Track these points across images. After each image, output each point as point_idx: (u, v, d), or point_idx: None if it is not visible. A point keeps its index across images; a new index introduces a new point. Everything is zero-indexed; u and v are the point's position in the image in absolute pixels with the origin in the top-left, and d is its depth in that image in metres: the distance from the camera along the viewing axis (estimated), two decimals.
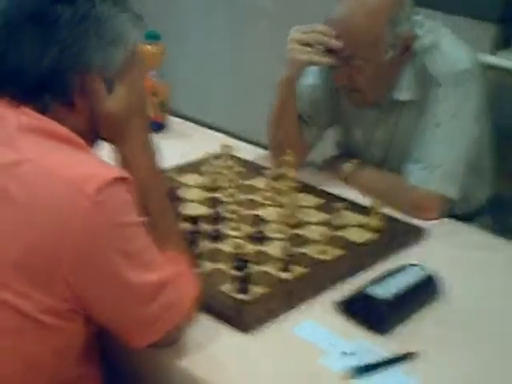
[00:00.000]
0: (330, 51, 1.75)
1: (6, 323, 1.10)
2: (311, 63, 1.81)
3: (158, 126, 2.17)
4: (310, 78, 1.96)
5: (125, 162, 1.25)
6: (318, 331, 1.35)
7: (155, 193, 1.28)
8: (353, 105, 1.92)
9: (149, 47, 2.14)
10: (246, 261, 1.43)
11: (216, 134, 2.25)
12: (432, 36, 1.80)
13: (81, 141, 1.17)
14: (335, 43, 1.73)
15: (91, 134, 1.23)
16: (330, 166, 2.01)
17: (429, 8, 2.11)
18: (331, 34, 1.74)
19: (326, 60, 1.77)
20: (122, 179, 1.13)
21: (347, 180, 1.92)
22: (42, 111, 1.16)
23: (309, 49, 1.76)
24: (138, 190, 1.17)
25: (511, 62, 2.66)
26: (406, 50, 1.77)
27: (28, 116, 1.14)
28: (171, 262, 1.22)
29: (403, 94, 1.82)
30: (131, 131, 1.26)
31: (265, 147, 2.05)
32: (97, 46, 1.17)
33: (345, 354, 1.29)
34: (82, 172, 1.10)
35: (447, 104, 1.77)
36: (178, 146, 2.07)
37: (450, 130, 1.78)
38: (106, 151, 1.28)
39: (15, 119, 1.14)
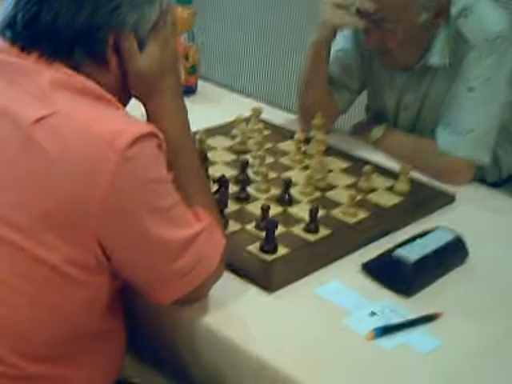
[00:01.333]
0: (362, 14, 1.73)
1: (30, 272, 1.11)
2: (343, 26, 1.79)
3: (189, 90, 2.17)
4: (342, 42, 1.94)
5: (155, 120, 1.25)
6: (343, 292, 1.35)
7: (185, 151, 1.28)
8: (384, 68, 1.90)
9: (180, 10, 2.13)
10: (275, 222, 1.43)
11: (246, 98, 2.24)
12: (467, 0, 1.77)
13: (112, 98, 1.17)
14: (367, 5, 1.71)
15: (123, 92, 1.24)
16: (359, 129, 2.00)
17: None
18: None
19: (358, 22, 1.74)
20: (152, 135, 1.13)
21: (376, 144, 1.91)
22: (75, 68, 1.16)
23: (341, 11, 1.75)
24: (168, 148, 1.17)
25: None
26: (441, 13, 1.74)
27: (60, 72, 1.15)
28: (199, 218, 1.23)
29: (436, 58, 1.79)
30: (163, 89, 1.26)
31: (295, 112, 2.03)
32: (131, 4, 1.17)
33: (369, 315, 1.29)
34: (112, 127, 1.10)
35: (480, 69, 1.74)
36: (208, 110, 2.08)
37: (482, 94, 1.75)
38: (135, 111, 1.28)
39: (48, 75, 1.14)
